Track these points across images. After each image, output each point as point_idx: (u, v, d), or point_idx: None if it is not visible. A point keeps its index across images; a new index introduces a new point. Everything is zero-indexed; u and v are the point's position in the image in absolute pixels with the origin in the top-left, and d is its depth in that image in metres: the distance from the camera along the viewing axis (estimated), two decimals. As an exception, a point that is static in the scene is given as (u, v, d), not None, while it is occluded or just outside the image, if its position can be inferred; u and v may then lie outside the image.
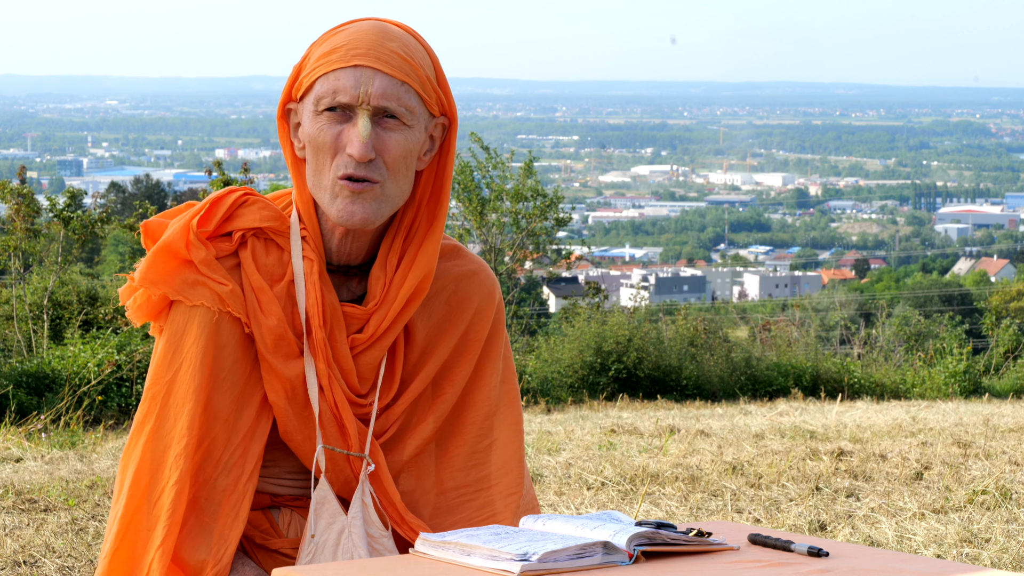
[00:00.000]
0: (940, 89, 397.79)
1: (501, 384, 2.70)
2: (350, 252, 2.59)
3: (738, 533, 2.35)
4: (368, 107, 2.48)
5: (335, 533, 2.55)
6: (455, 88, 3.14)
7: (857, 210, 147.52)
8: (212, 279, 2.50)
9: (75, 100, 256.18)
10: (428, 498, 2.64)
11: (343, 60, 2.49)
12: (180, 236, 2.51)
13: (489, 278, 2.71)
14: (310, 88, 2.52)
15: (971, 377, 17.65)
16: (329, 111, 2.49)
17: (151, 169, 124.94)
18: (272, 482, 2.62)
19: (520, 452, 2.68)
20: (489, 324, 2.69)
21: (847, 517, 5.89)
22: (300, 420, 2.55)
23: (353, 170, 2.48)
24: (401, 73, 2.50)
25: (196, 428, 2.48)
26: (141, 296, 2.54)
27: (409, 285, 2.56)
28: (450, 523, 2.63)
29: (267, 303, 2.52)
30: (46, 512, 5.95)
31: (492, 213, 20.58)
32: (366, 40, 2.51)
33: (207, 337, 2.50)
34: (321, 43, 2.54)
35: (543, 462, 7.47)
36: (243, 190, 2.59)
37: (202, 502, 2.49)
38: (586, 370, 16.66)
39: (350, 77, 2.48)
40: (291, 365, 2.53)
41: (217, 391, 2.50)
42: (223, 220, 2.54)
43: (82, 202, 15.85)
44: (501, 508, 2.64)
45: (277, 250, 2.56)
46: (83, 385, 11.46)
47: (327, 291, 2.55)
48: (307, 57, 2.55)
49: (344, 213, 2.49)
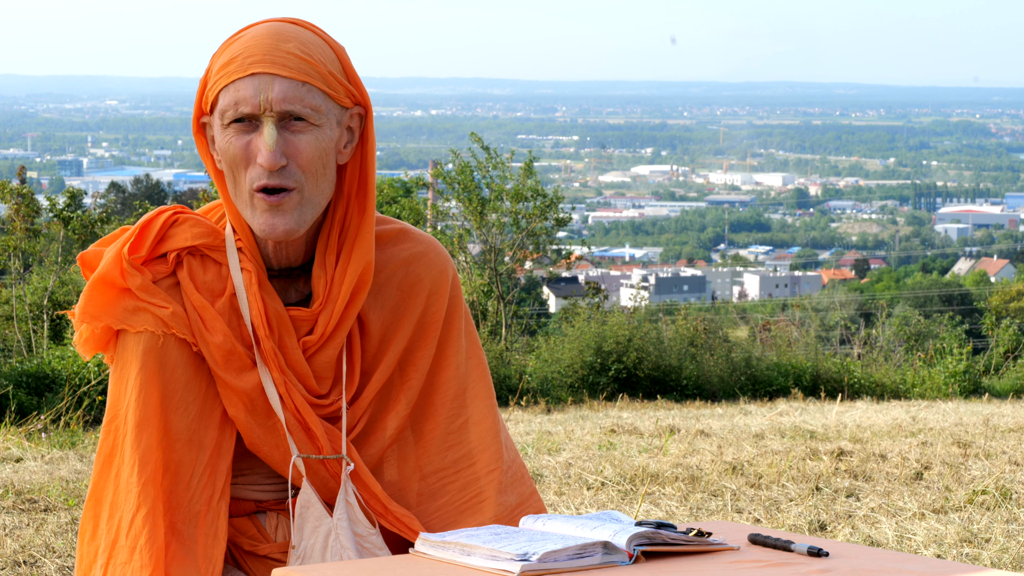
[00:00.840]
0: (940, 89, 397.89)
1: (467, 360, 2.68)
2: (288, 255, 2.57)
3: (738, 533, 2.35)
4: (272, 114, 2.45)
5: (322, 536, 2.54)
6: (455, 88, 3.13)
7: (857, 210, 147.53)
8: (152, 304, 2.48)
9: (75, 100, 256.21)
10: (411, 486, 2.63)
11: (240, 70, 2.46)
12: (114, 265, 2.49)
13: (440, 256, 2.67)
14: (215, 102, 2.49)
15: (971, 377, 17.65)
16: (236, 123, 2.46)
17: (151, 169, 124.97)
18: (253, 489, 2.60)
19: (496, 426, 2.66)
20: (445, 302, 2.66)
21: (847, 517, 5.89)
22: (264, 430, 2.54)
23: (267, 180, 2.45)
24: (300, 74, 2.46)
25: (160, 454, 2.46)
26: (86, 330, 2.51)
27: (350, 279, 2.54)
28: (434, 508, 2.62)
29: (210, 320, 2.50)
30: (46, 512, 5.95)
31: (492, 213, 20.58)
32: (261, 46, 2.47)
33: (155, 362, 2.48)
34: (220, 54, 2.51)
35: (543, 462, 7.47)
36: (173, 209, 2.57)
37: (179, 526, 2.47)
38: (586, 370, 16.66)
39: (249, 86, 2.45)
40: (245, 378, 2.51)
41: (173, 414, 2.48)
42: (156, 243, 2.52)
43: (82, 202, 15.86)
44: (484, 485, 2.62)
45: (215, 265, 2.54)
46: (83, 385, 11.47)
47: (269, 299, 2.53)
48: (209, 69, 2.52)
49: (266, 227, 2.46)
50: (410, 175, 28.62)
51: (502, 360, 17.06)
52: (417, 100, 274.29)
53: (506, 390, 15.63)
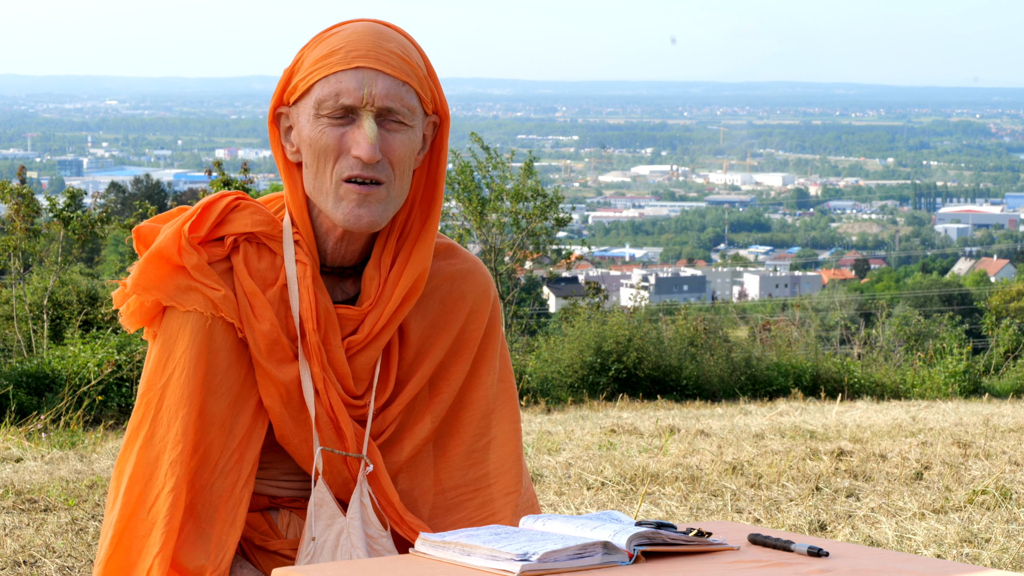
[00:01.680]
0: (940, 89, 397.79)
1: (498, 383, 2.70)
2: (345, 254, 2.58)
3: (738, 533, 2.35)
4: (372, 108, 2.48)
5: (334, 534, 2.54)
6: (455, 88, 3.14)
7: (857, 210, 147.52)
8: (204, 284, 2.49)
9: (75, 100, 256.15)
10: (427, 498, 2.64)
11: (344, 62, 2.48)
12: (172, 242, 2.50)
13: (484, 276, 2.70)
14: (307, 92, 2.51)
15: (971, 377, 17.65)
16: (333, 114, 2.48)
17: (151, 169, 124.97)
18: (270, 484, 2.61)
19: (518, 450, 2.68)
20: (485, 322, 2.68)
21: (847, 517, 5.89)
22: (296, 424, 2.54)
23: (360, 171, 2.47)
24: (402, 73, 2.50)
25: (191, 434, 2.47)
26: (134, 302, 2.53)
27: (404, 284, 2.56)
28: (449, 523, 2.63)
29: (260, 308, 2.51)
30: (46, 512, 5.95)
31: (492, 213, 20.58)
32: (364, 41, 2.50)
33: (200, 342, 2.49)
34: (314, 46, 2.53)
35: (543, 462, 7.47)
36: (235, 194, 2.58)
37: (199, 508, 2.48)
38: (586, 370, 16.66)
39: (352, 79, 2.47)
40: (285, 369, 2.52)
41: (211, 396, 2.49)
42: (215, 225, 2.53)
43: (82, 202, 15.85)
44: (500, 507, 2.64)
45: (270, 254, 2.55)
46: (83, 385, 11.46)
47: (321, 294, 2.55)
48: (300, 61, 2.54)
49: (351, 216, 2.48)
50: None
51: (502, 360, 17.05)
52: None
53: (506, 390, 15.60)
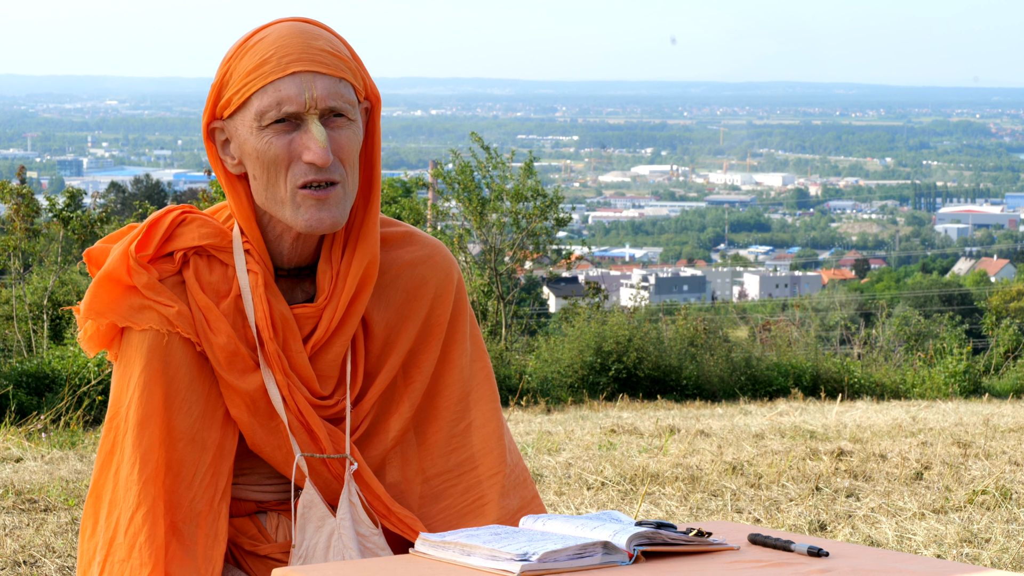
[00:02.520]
0: (940, 89, 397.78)
1: (472, 363, 2.68)
2: (302, 253, 2.57)
3: (738, 533, 2.35)
4: (316, 111, 2.45)
5: (325, 536, 2.54)
6: (455, 88, 3.14)
7: (857, 210, 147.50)
8: (158, 302, 2.48)
9: (75, 100, 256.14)
10: (413, 488, 2.63)
11: (279, 69, 2.45)
12: (120, 262, 2.48)
13: (445, 259, 2.68)
14: (243, 104, 2.47)
15: (971, 377, 17.64)
16: (276, 123, 2.46)
17: (151, 169, 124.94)
18: (254, 489, 2.61)
19: (499, 430, 2.66)
20: (450, 305, 2.66)
21: (847, 517, 5.89)
22: (267, 431, 2.54)
23: (315, 175, 2.45)
24: (337, 70, 2.48)
25: (162, 453, 2.46)
26: (91, 327, 2.51)
27: (355, 273, 2.54)
28: (437, 511, 2.63)
29: (215, 321, 2.50)
30: (46, 512, 5.95)
31: (492, 213, 20.57)
32: (294, 44, 2.47)
33: (159, 360, 2.47)
34: (241, 56, 2.49)
35: (543, 462, 7.47)
36: (181, 208, 2.57)
37: (180, 525, 2.47)
38: (586, 370, 16.66)
39: (292, 85, 2.45)
40: (248, 379, 2.51)
41: (177, 413, 2.48)
42: (163, 241, 2.51)
43: (81, 202, 15.85)
44: (487, 489, 2.63)
45: (221, 266, 2.54)
46: (83, 385, 11.46)
47: (275, 301, 2.53)
48: (228, 72, 2.50)
49: (313, 221, 2.46)
50: (410, 175, 28.61)
51: (502, 360, 17.06)
52: (417, 100, 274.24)
53: (506, 390, 15.63)
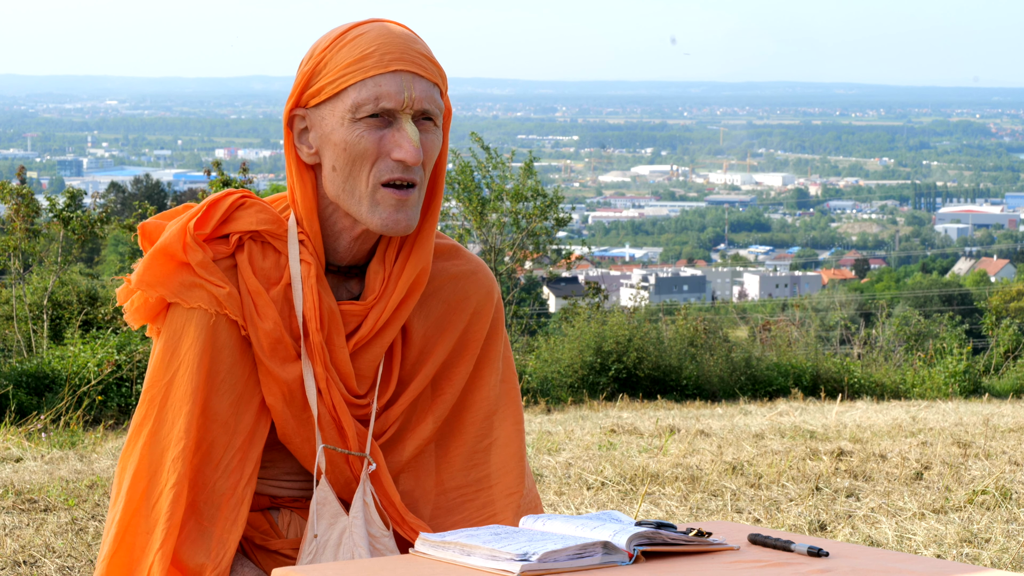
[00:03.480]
0: (940, 89, 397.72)
1: (501, 383, 2.70)
2: (358, 252, 2.59)
3: (738, 533, 2.35)
4: (411, 111, 2.49)
5: (336, 533, 2.55)
6: (455, 88, 3.15)
7: (857, 210, 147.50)
8: (209, 282, 2.49)
9: (75, 100, 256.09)
10: (428, 498, 2.65)
11: (380, 66, 2.48)
12: (177, 238, 2.50)
13: (488, 278, 2.70)
14: (337, 95, 2.50)
15: (971, 377, 17.64)
16: (370, 117, 2.48)
17: (151, 169, 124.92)
18: (271, 484, 2.62)
19: (521, 451, 2.68)
20: (488, 323, 2.69)
21: (847, 517, 5.89)
22: (298, 423, 2.54)
23: (401, 174, 2.48)
24: (432, 75, 2.52)
25: (194, 431, 2.47)
26: (138, 298, 2.53)
27: (407, 278, 2.56)
28: (450, 523, 2.63)
29: (263, 306, 2.51)
30: (46, 512, 5.95)
31: (492, 213, 20.58)
32: (397, 44, 2.51)
33: (204, 340, 2.49)
34: (338, 48, 2.51)
35: (543, 462, 7.47)
36: (241, 192, 2.58)
37: (201, 505, 2.48)
38: (586, 370, 16.66)
39: (392, 83, 2.48)
40: (288, 368, 2.52)
41: (215, 394, 2.50)
42: (220, 223, 2.53)
43: (81, 202, 15.84)
44: (501, 508, 2.64)
45: (274, 253, 2.55)
46: (83, 385, 11.46)
47: (325, 294, 2.55)
48: (322, 63, 2.52)
49: (389, 221, 2.49)
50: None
51: (502, 360, 17.05)
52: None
53: (506, 390, 15.61)
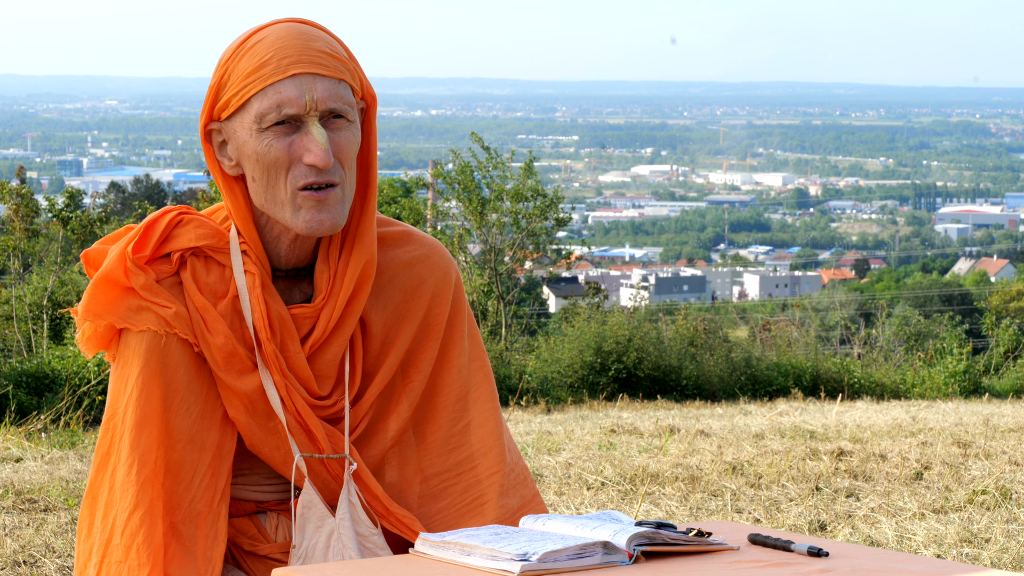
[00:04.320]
0: (940, 89, 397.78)
1: (470, 363, 2.68)
2: (300, 254, 2.57)
3: (738, 533, 2.35)
4: (316, 113, 2.45)
5: (324, 536, 2.54)
6: (455, 88, 3.14)
7: (857, 210, 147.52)
8: (155, 303, 2.48)
9: (75, 100, 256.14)
10: (412, 488, 2.63)
11: (278, 72, 2.45)
12: (118, 264, 2.48)
13: (443, 259, 2.68)
14: (242, 106, 2.47)
15: (971, 377, 17.64)
16: (276, 125, 2.45)
17: (151, 169, 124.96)
18: (253, 489, 2.61)
19: (498, 429, 2.66)
20: (448, 305, 2.67)
21: (847, 517, 5.89)
22: (265, 432, 2.54)
23: (315, 178, 2.45)
24: (336, 71, 2.48)
25: (161, 454, 2.46)
26: (88, 328, 2.51)
27: (352, 273, 2.54)
28: (436, 510, 2.63)
29: (212, 321, 2.50)
30: (46, 512, 5.95)
31: (492, 213, 20.58)
32: (293, 46, 2.47)
33: (157, 361, 2.47)
34: (239, 57, 2.49)
35: (543, 462, 7.47)
36: (178, 209, 2.56)
37: (179, 526, 2.46)
38: (586, 370, 16.66)
39: (292, 87, 2.44)
40: (245, 380, 2.51)
41: (176, 414, 2.48)
42: (160, 242, 2.51)
43: (81, 202, 15.85)
44: (486, 488, 2.63)
45: (218, 267, 2.54)
46: (83, 385, 11.46)
47: (272, 302, 2.53)
48: (226, 74, 2.49)
49: (313, 223, 2.46)
50: (410, 175, 28.62)
51: (502, 360, 17.06)
52: (417, 100, 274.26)
53: (506, 390, 15.63)
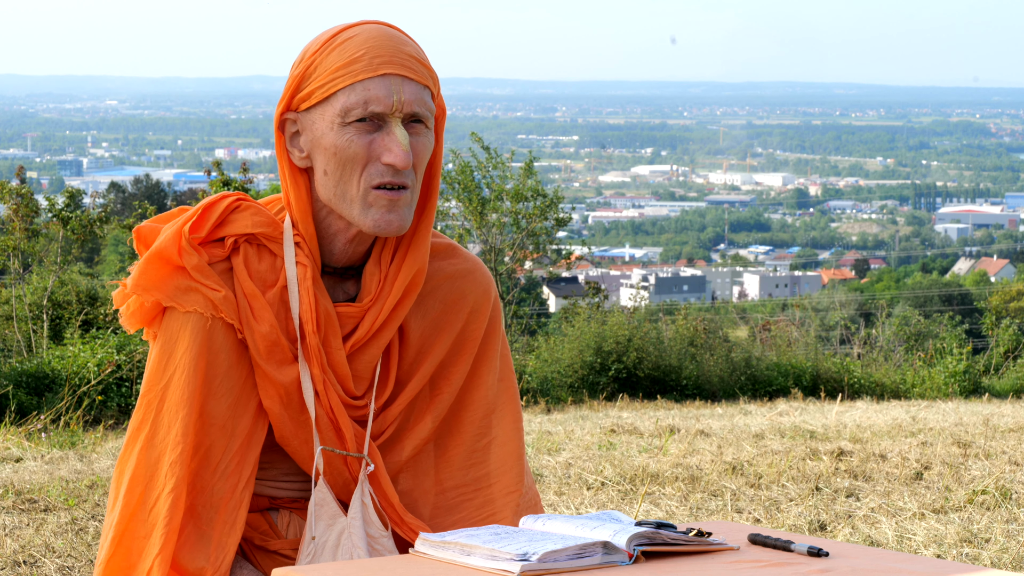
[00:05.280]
0: (940, 89, 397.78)
1: (499, 382, 2.70)
2: (354, 254, 2.58)
3: (738, 533, 2.35)
4: (400, 114, 2.48)
5: (335, 534, 2.55)
6: (455, 88, 3.14)
7: (857, 210, 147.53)
8: (205, 285, 2.49)
9: (75, 100, 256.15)
10: (427, 498, 2.64)
11: (369, 69, 2.47)
12: (172, 242, 2.50)
13: (485, 276, 2.70)
14: (326, 99, 2.49)
15: (971, 377, 17.64)
16: (359, 121, 2.48)
17: (151, 169, 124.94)
18: (270, 485, 2.61)
19: (519, 450, 2.68)
20: (485, 322, 2.69)
21: (847, 517, 5.89)
22: (296, 425, 2.54)
23: (391, 178, 2.48)
24: (422, 78, 2.51)
25: (192, 435, 2.47)
26: (134, 303, 2.52)
27: (403, 279, 2.56)
28: (450, 523, 2.63)
29: (259, 309, 2.51)
30: (46, 512, 5.95)
31: (492, 213, 20.58)
32: (386, 47, 2.50)
33: (200, 343, 2.48)
34: (327, 51, 2.51)
35: (543, 462, 7.47)
36: (236, 195, 2.57)
37: (199, 509, 2.48)
38: (586, 370, 16.66)
39: (381, 86, 2.47)
40: (285, 371, 2.52)
41: (212, 397, 2.49)
42: (215, 226, 2.53)
43: (81, 202, 15.85)
44: (501, 507, 2.64)
45: (270, 256, 2.55)
46: (83, 385, 11.46)
47: (321, 296, 2.54)
48: (311, 66, 2.51)
49: (382, 222, 2.48)
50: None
51: (502, 360, 17.05)
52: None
53: (506, 390, 15.62)
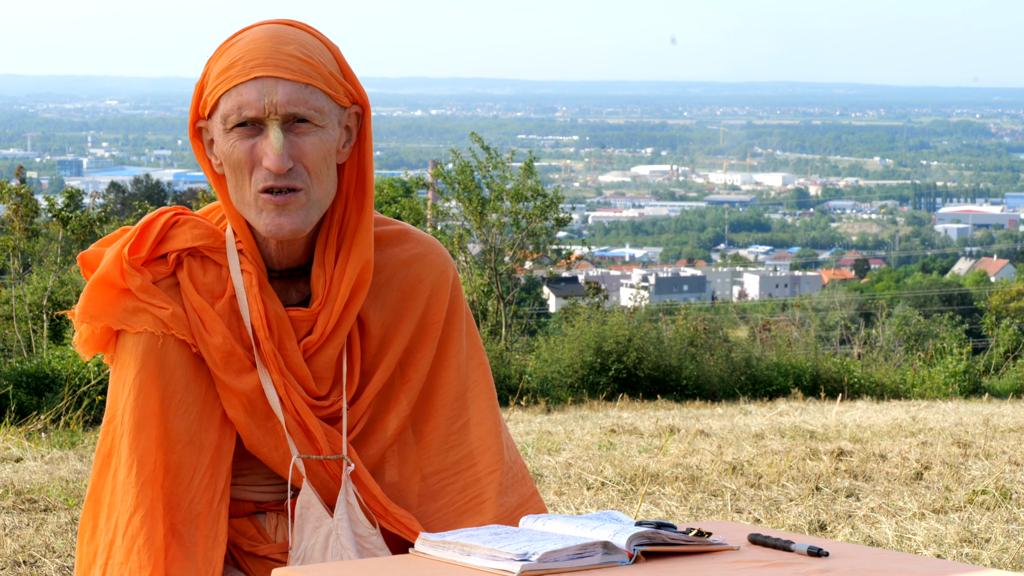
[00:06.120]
0: (940, 89, 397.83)
1: (468, 360, 2.68)
2: (288, 257, 2.57)
3: (738, 533, 2.35)
4: (276, 117, 2.45)
5: (323, 537, 2.54)
6: (455, 88, 3.13)
7: (857, 210, 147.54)
8: (152, 304, 2.48)
9: (75, 100, 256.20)
10: (412, 487, 2.63)
11: (242, 74, 2.46)
12: (114, 265, 2.49)
13: (440, 257, 2.68)
14: (215, 106, 2.49)
15: (971, 377, 17.64)
16: (239, 127, 2.46)
17: (151, 169, 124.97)
18: (252, 490, 2.61)
19: (496, 427, 2.66)
20: (446, 303, 2.67)
21: (847, 517, 5.89)
22: (263, 432, 2.54)
23: (273, 182, 2.45)
24: (302, 76, 2.47)
25: (160, 455, 2.46)
26: (86, 331, 2.52)
27: (349, 278, 2.54)
28: (435, 509, 2.63)
29: (210, 321, 2.50)
30: (46, 512, 5.95)
31: (492, 213, 20.58)
32: (261, 49, 2.47)
33: (155, 362, 2.48)
34: (217, 58, 2.51)
35: (543, 462, 7.47)
36: (174, 210, 2.57)
37: (179, 527, 2.47)
38: (586, 370, 16.66)
39: (252, 90, 2.45)
40: (244, 380, 2.51)
41: (174, 415, 2.48)
42: (156, 243, 2.52)
43: (81, 202, 15.86)
44: (484, 486, 2.63)
45: (215, 267, 2.54)
46: (83, 385, 11.46)
47: (270, 301, 2.54)
48: (207, 74, 2.52)
49: (272, 226, 2.47)
50: (410, 175, 28.63)
51: (502, 360, 17.07)
52: (417, 100, 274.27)
53: (506, 390, 15.63)
